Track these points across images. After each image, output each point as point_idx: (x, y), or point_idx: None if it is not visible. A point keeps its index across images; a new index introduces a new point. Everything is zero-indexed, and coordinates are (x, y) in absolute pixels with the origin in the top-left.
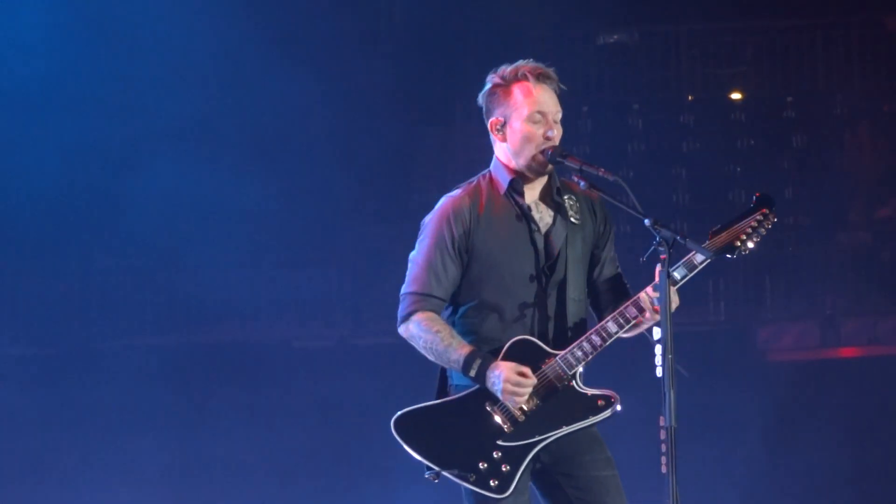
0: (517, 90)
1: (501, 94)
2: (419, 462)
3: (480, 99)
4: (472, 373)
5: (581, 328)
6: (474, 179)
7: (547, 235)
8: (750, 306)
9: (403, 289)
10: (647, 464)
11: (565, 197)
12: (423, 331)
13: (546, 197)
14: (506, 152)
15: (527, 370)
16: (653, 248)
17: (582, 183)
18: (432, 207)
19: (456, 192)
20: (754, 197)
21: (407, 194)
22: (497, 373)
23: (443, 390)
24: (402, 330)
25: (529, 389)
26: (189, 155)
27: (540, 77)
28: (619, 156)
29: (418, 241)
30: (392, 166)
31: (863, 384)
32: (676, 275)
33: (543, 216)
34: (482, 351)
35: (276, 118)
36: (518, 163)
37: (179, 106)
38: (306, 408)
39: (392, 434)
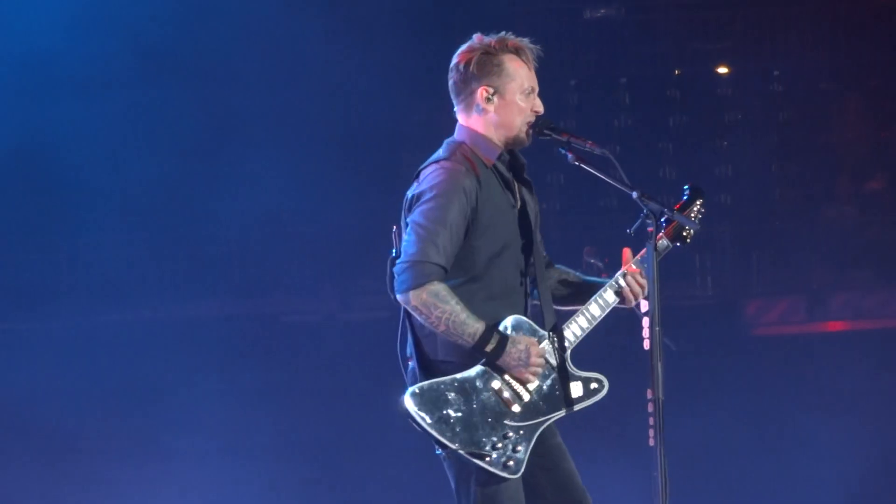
0: (509, 62)
1: (491, 63)
2: (419, 439)
3: (463, 65)
4: (490, 347)
5: (550, 306)
6: (455, 150)
7: (523, 211)
8: (737, 281)
9: (414, 256)
10: (635, 436)
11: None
12: (441, 300)
13: (518, 173)
14: (487, 123)
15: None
16: (640, 221)
17: (569, 156)
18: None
19: (454, 164)
20: (686, 187)
21: (395, 169)
22: (522, 347)
23: (430, 365)
24: (411, 297)
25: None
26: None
27: (530, 52)
28: (606, 130)
29: (426, 208)
30: (379, 141)
31: (849, 358)
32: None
33: (518, 192)
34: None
35: (266, 95)
36: (503, 135)
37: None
38: (294, 383)
39: (406, 409)
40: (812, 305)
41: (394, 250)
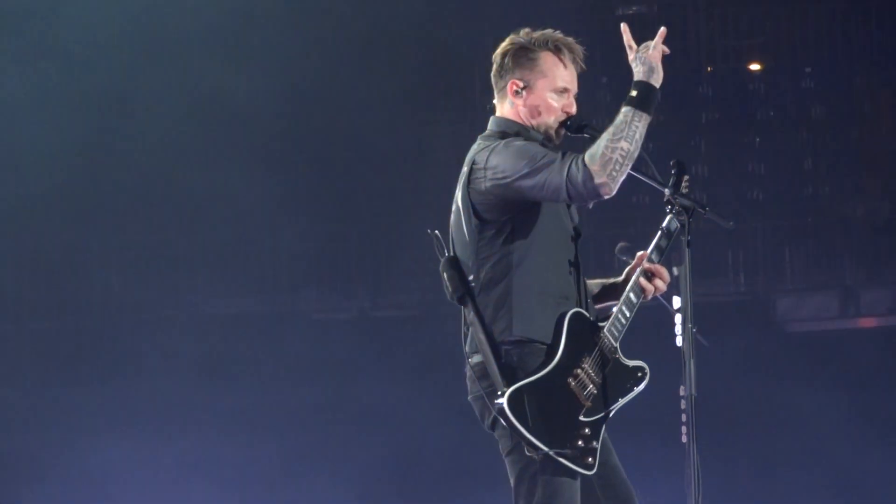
0: (546, 58)
1: (527, 57)
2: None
3: (500, 56)
4: (638, 98)
5: (589, 293)
6: (511, 132)
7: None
8: (769, 277)
9: (554, 170)
10: (668, 433)
11: None
12: (600, 150)
13: None
14: (519, 115)
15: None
16: (671, 216)
17: None
18: (451, 181)
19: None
20: (672, 163)
21: (425, 165)
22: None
23: (499, 345)
24: (598, 184)
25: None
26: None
27: (572, 50)
28: None
29: (513, 152)
30: (410, 139)
31: (882, 354)
32: (662, 244)
33: None
34: (550, 301)
35: (299, 99)
36: (533, 127)
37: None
38: (325, 380)
39: (506, 417)
40: (845, 301)
41: (446, 251)
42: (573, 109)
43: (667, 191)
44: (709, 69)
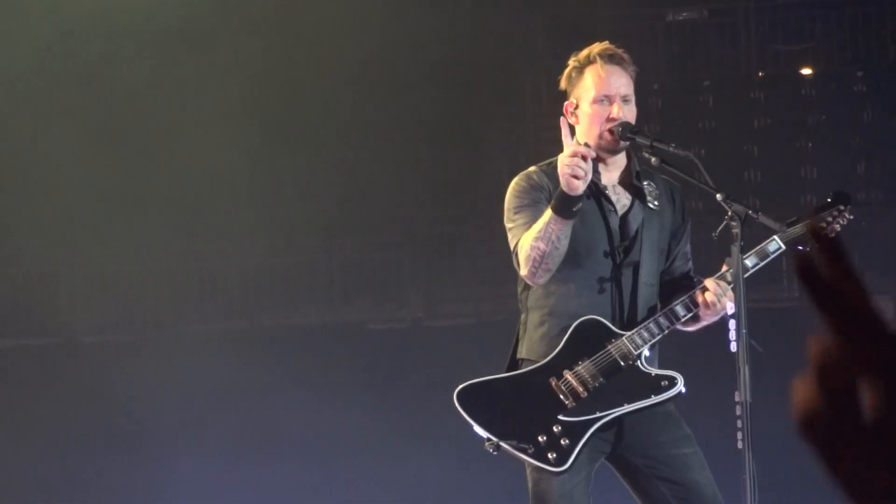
0: (588, 73)
1: (576, 77)
2: (478, 437)
3: (563, 82)
4: (555, 202)
5: (651, 312)
6: (553, 159)
7: (623, 217)
8: None
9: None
10: (723, 439)
11: (645, 182)
12: (528, 245)
13: (625, 180)
14: (580, 133)
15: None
16: (725, 223)
17: (653, 159)
18: (503, 189)
19: (530, 168)
20: (831, 193)
21: (478, 176)
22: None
23: (512, 364)
24: (525, 275)
25: (588, 165)
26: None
27: (610, 58)
28: (690, 133)
29: (505, 210)
30: (463, 149)
31: None
32: (748, 262)
33: (621, 198)
34: (553, 322)
35: (346, 99)
36: (589, 143)
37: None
38: (379, 390)
39: (454, 405)
40: None
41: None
42: (616, 114)
43: (719, 196)
44: (760, 74)
